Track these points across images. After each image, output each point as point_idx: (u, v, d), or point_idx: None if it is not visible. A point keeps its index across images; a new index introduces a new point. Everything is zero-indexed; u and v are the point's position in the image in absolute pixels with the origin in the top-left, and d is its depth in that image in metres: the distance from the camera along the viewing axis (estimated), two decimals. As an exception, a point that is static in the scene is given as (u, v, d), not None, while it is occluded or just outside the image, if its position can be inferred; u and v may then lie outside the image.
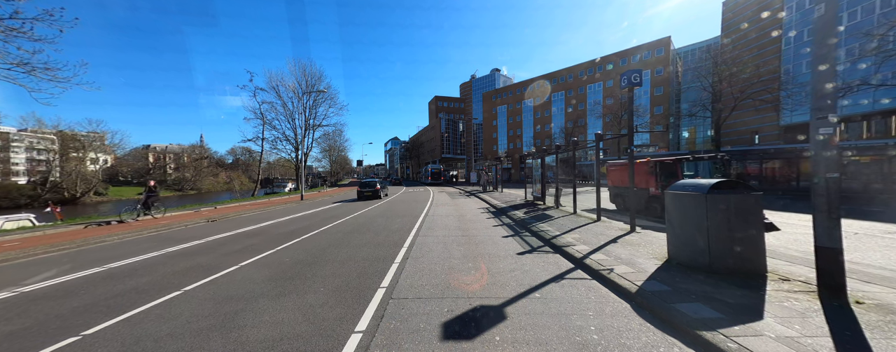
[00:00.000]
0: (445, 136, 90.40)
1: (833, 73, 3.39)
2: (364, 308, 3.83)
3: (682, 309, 3.33)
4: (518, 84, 69.67)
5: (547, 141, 56.18)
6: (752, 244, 4.22)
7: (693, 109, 25.60)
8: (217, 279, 5.19)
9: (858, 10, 32.73)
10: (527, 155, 19.33)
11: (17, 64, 8.65)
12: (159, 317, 3.80)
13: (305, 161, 32.39)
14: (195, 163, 75.69)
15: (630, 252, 5.66)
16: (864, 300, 3.41)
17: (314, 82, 30.80)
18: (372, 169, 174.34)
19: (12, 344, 3.28)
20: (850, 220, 8.35)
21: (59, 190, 51.38)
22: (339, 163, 73.01)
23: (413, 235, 8.38)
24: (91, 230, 11.27)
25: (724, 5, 61.78)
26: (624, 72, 7.57)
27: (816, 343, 2.66)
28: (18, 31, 8.36)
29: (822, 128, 3.38)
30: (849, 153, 15.63)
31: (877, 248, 5.74)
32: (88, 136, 58.07)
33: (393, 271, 5.28)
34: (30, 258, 7.51)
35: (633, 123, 7.79)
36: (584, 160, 30.85)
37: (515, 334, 3.13)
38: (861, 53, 14.84)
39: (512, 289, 4.35)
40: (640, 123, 41.71)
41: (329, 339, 3.13)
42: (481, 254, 6.29)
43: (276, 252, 6.96)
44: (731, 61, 24.10)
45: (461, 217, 11.82)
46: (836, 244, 3.39)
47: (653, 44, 50.10)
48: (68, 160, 53.73)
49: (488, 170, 31.38)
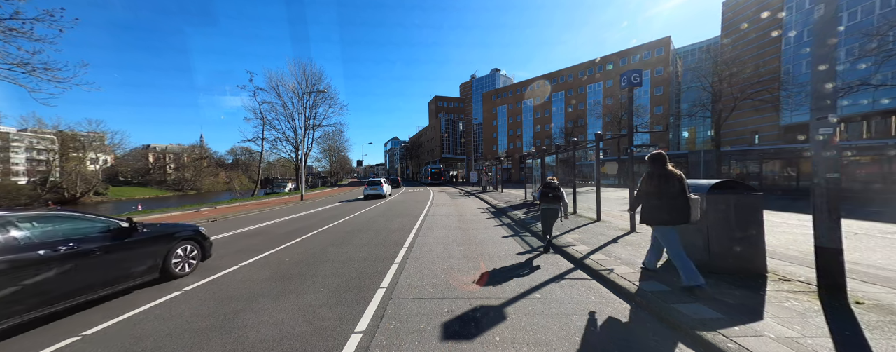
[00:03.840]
0: (445, 136, 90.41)
1: (833, 73, 3.39)
2: (364, 308, 3.83)
3: (682, 309, 3.33)
4: (518, 84, 69.66)
5: (547, 141, 56.14)
6: (752, 244, 4.22)
7: (693, 109, 25.58)
8: (217, 279, 5.19)
9: (858, 10, 32.72)
10: (527, 155, 19.32)
11: (17, 64, 8.66)
12: (159, 317, 3.80)
13: (305, 161, 32.39)
14: (195, 163, 75.72)
15: (630, 252, 5.65)
16: (865, 300, 3.41)
17: (314, 82, 30.83)
18: (372, 169, 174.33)
19: (12, 344, 3.28)
20: (850, 220, 8.35)
21: (59, 190, 51.41)
22: (339, 163, 73.06)
23: (413, 235, 8.38)
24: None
25: (724, 5, 61.77)
26: (624, 72, 7.57)
27: (816, 343, 2.66)
28: (18, 31, 8.37)
29: (822, 128, 3.38)
30: (849, 153, 15.63)
31: (877, 248, 5.73)
32: (88, 136, 58.13)
33: (393, 271, 5.28)
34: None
35: (633, 123, 7.79)
36: (584, 160, 30.85)
37: (515, 335, 3.13)
38: (861, 53, 14.84)
39: (512, 289, 4.35)
40: (640, 123, 41.70)
41: (329, 339, 3.13)
42: (481, 254, 6.28)
43: (277, 252, 6.96)
44: (731, 61, 24.07)
45: (461, 217, 11.82)
46: (836, 244, 3.39)
47: (653, 44, 50.11)
48: (68, 160, 53.76)
49: (488, 170, 31.36)
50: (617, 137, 10.34)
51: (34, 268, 3.49)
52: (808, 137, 3.55)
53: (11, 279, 3.32)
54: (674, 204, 3.87)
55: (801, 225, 8.01)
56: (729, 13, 60.94)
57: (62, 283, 3.73)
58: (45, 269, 3.57)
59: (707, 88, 23.89)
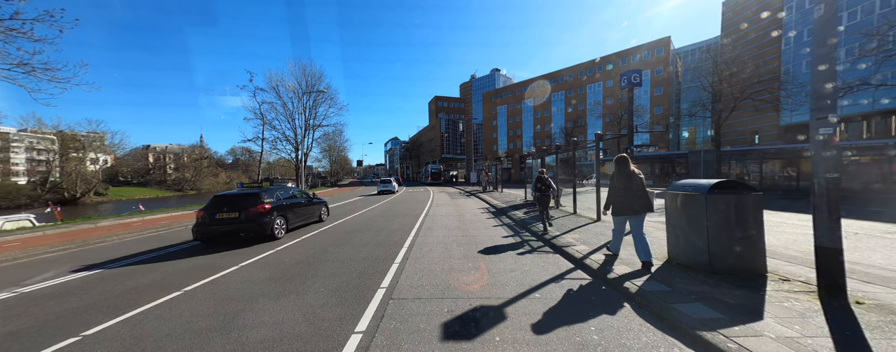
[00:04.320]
0: (445, 136, 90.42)
1: (833, 73, 3.39)
2: (364, 308, 3.83)
3: (682, 309, 3.33)
4: (518, 84, 69.65)
5: (547, 141, 56.15)
6: (751, 244, 4.22)
7: (693, 109, 25.54)
8: (217, 279, 5.19)
9: (858, 10, 32.74)
10: (527, 155, 19.32)
11: (17, 64, 8.63)
12: (159, 317, 3.80)
13: (305, 161, 32.36)
14: (195, 163, 75.68)
15: (630, 252, 5.64)
16: (865, 300, 3.41)
17: (314, 82, 30.73)
18: (372, 169, 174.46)
19: (12, 344, 3.28)
20: (850, 220, 8.35)
21: (59, 190, 51.41)
22: (339, 163, 73.05)
23: (413, 235, 8.38)
24: (92, 230, 11.27)
25: (724, 5, 61.81)
26: (624, 72, 7.57)
27: (816, 343, 2.65)
28: (18, 31, 8.34)
29: (822, 128, 3.38)
30: (849, 153, 15.62)
31: (877, 248, 5.73)
32: (88, 136, 58.12)
33: (393, 271, 5.28)
34: (30, 258, 7.51)
35: (633, 123, 7.80)
36: (584, 160, 30.85)
37: (515, 334, 3.12)
38: (861, 53, 14.84)
39: (512, 289, 4.35)
40: (640, 123, 41.69)
41: (329, 339, 3.13)
42: (481, 254, 6.28)
43: (276, 252, 6.96)
44: (731, 61, 24.02)
45: (461, 217, 11.82)
46: (836, 244, 3.39)
47: (653, 44, 50.10)
48: (68, 160, 53.77)
49: (488, 170, 31.35)
50: (617, 137, 10.32)
51: (292, 208, 9.52)
52: (808, 137, 3.55)
53: (290, 210, 9.40)
54: (639, 196, 4.70)
55: (801, 225, 8.01)
56: (729, 13, 60.99)
57: (297, 215, 9.85)
58: (294, 208, 9.65)
59: (707, 88, 23.86)
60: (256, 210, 8.13)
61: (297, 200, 10.05)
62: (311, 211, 10.82)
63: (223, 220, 7.97)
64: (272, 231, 8.29)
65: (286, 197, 9.52)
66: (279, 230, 8.60)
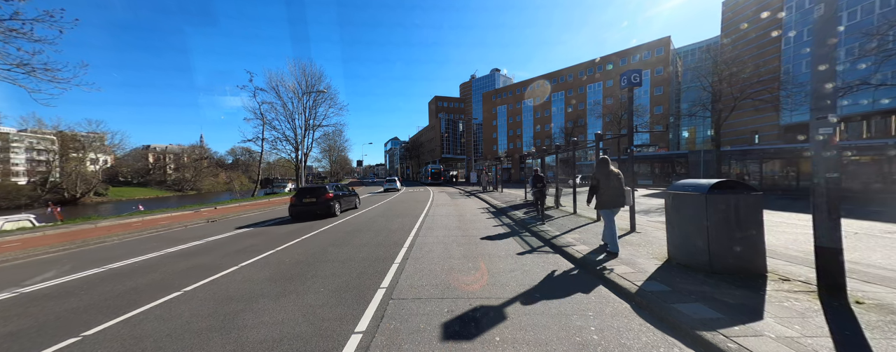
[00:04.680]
0: (445, 136, 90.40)
1: (833, 73, 3.39)
2: (364, 309, 3.83)
3: (682, 309, 3.33)
4: (518, 84, 69.64)
5: (547, 141, 56.11)
6: (751, 244, 4.22)
7: (693, 109, 25.51)
8: (217, 280, 5.19)
9: (858, 10, 32.73)
10: (527, 155, 19.31)
11: (17, 65, 8.64)
12: (159, 317, 3.80)
13: (305, 161, 32.37)
14: (195, 163, 75.74)
15: (630, 252, 5.65)
16: (865, 300, 3.41)
17: (314, 82, 30.74)
18: (372, 169, 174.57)
19: (12, 344, 3.28)
20: (850, 220, 8.35)
21: (59, 190, 51.40)
22: (339, 163, 72.97)
23: (413, 235, 8.38)
24: (92, 231, 11.27)
25: (724, 5, 61.80)
26: (624, 72, 7.56)
27: (816, 343, 2.65)
28: (18, 32, 8.34)
29: (822, 128, 3.38)
30: (849, 153, 15.63)
31: (877, 248, 5.74)
32: (88, 136, 58.10)
33: (393, 272, 5.28)
34: (30, 259, 7.51)
35: (632, 123, 7.79)
36: (584, 160, 30.84)
37: (515, 335, 3.12)
38: (861, 53, 14.83)
39: (512, 289, 4.35)
40: (640, 122, 41.65)
41: (329, 339, 3.13)
42: (481, 254, 6.28)
43: (277, 252, 6.96)
44: (730, 61, 23.98)
45: (461, 217, 11.82)
46: (836, 244, 3.39)
47: (653, 44, 50.09)
48: (68, 161, 53.75)
49: (488, 170, 31.38)
50: (617, 137, 10.31)
51: (342, 197, 14.20)
52: (808, 137, 3.55)
53: (343, 199, 14.25)
54: (617, 194, 5.54)
55: (801, 225, 8.02)
56: (729, 13, 60.97)
57: (345, 202, 14.46)
58: (343, 198, 14.31)
59: (707, 88, 23.83)
60: (326, 197, 12.68)
61: (344, 192, 14.96)
62: (351, 200, 15.43)
63: (307, 203, 12.49)
64: (335, 211, 12.93)
65: (338, 190, 14.34)
66: (336, 210, 13.10)
